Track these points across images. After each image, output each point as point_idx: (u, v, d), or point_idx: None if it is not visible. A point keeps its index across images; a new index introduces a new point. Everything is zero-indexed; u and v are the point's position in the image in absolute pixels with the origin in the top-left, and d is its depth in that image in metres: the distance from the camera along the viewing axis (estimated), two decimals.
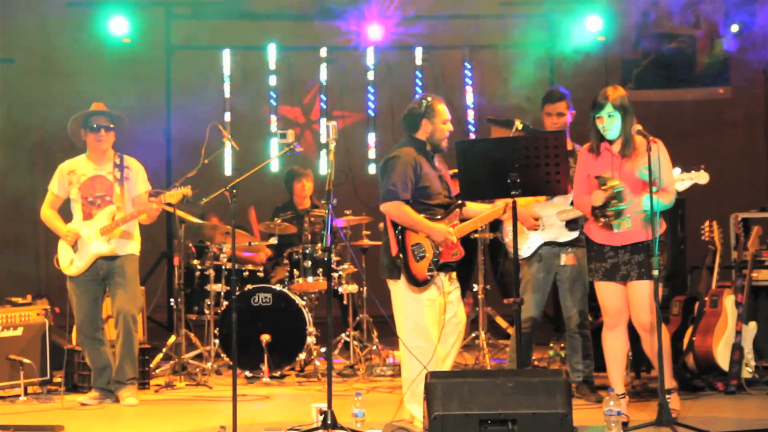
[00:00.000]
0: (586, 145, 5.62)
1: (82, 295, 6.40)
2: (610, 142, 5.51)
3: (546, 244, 6.21)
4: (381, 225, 7.24)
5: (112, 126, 6.46)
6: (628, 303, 5.51)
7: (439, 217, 5.48)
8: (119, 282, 6.37)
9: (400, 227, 5.42)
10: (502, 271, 8.17)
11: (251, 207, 8.41)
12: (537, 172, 5.14)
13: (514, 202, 5.20)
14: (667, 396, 5.25)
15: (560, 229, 6.18)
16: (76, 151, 6.61)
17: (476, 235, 7.70)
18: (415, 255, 5.41)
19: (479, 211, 5.63)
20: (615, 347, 5.57)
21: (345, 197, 8.23)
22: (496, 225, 7.59)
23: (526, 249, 6.24)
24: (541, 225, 6.08)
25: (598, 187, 5.42)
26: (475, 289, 7.80)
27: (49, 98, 9.99)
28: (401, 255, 5.39)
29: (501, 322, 7.98)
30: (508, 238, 6.40)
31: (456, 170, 5.43)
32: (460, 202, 5.54)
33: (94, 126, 6.43)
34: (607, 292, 5.54)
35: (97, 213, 6.40)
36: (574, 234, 6.15)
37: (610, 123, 5.44)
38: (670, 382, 5.48)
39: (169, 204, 6.43)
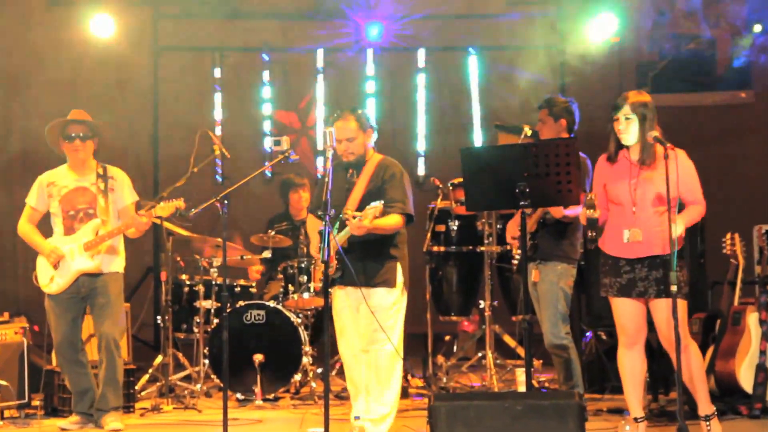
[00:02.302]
0: (604, 154, 5.62)
1: (62, 314, 6.37)
2: (628, 149, 5.50)
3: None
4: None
5: (90, 135, 6.45)
6: (645, 321, 5.49)
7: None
8: (102, 303, 6.35)
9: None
10: (511, 287, 8.16)
11: (237, 235, 8.38)
12: (547, 182, 5.13)
13: (523, 213, 5.19)
14: (706, 423, 5.24)
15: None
16: (57, 163, 6.60)
17: (483, 248, 7.70)
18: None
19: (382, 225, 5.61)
20: (632, 368, 5.55)
21: None
22: (504, 239, 7.60)
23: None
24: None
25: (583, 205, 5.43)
26: (481, 306, 7.79)
27: (27, 105, 10.00)
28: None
29: (509, 341, 7.97)
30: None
31: (460, 179, 5.43)
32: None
33: (71, 135, 6.42)
34: (623, 308, 5.53)
35: (80, 227, 6.38)
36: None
37: (626, 126, 5.43)
38: (708, 407, 5.45)
39: (159, 218, 6.42)
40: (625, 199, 5.44)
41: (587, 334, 7.51)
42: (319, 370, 7.48)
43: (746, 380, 6.42)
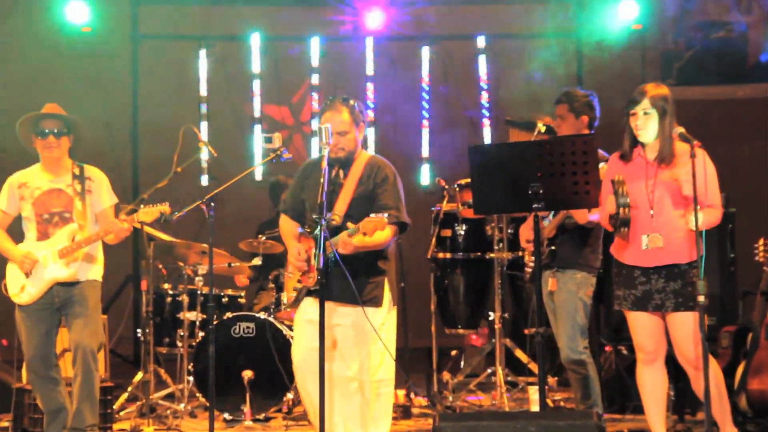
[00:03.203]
0: (616, 153, 5.63)
1: (34, 326, 6.37)
2: (644, 146, 5.51)
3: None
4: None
5: (65, 131, 6.45)
6: (664, 335, 5.51)
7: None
8: (79, 312, 6.35)
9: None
10: (524, 297, 8.18)
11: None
12: (563, 182, 5.14)
13: (537, 217, 5.21)
14: None
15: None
16: (30, 162, 6.59)
17: (492, 255, 7.71)
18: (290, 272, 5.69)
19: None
20: (652, 386, 5.57)
21: None
22: (516, 245, 7.61)
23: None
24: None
25: (611, 192, 5.42)
26: (491, 318, 7.80)
27: None
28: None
29: (521, 356, 7.98)
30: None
31: (468, 180, 5.45)
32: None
33: (45, 131, 6.42)
34: (639, 323, 5.53)
35: (55, 232, 6.38)
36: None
37: (644, 122, 5.44)
38: (731, 429, 5.47)
39: (141, 223, 6.41)
40: (641, 201, 5.45)
41: (606, 348, 7.53)
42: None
43: None
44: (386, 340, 5.52)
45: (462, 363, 8.59)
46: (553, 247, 6.18)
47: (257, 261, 7.91)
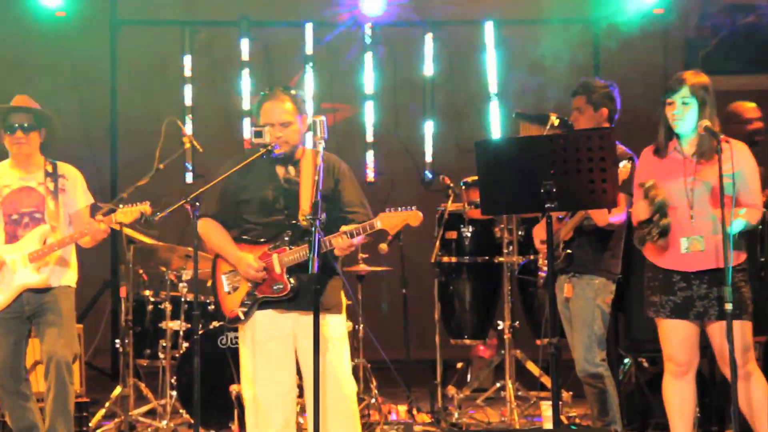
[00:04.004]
0: (649, 147, 5.61)
1: (2, 337, 6.35)
2: (679, 139, 5.49)
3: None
4: (383, 246, 7.25)
5: (36, 125, 6.44)
6: (698, 346, 5.49)
7: (262, 240, 5.49)
8: (51, 320, 6.34)
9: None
10: (536, 304, 8.16)
11: None
12: (579, 180, 5.14)
13: (549, 217, 5.20)
14: None
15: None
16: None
17: (501, 259, 7.71)
18: (226, 285, 5.57)
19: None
20: (681, 401, 5.55)
21: None
22: (527, 248, 7.60)
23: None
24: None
25: (642, 197, 5.41)
26: (500, 327, 7.79)
27: None
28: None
29: (533, 368, 7.97)
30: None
31: (475, 177, 5.44)
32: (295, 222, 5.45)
33: (14, 125, 6.41)
34: (674, 332, 5.51)
35: (25, 234, 6.37)
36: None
37: (682, 112, 5.41)
38: None
39: (120, 224, 6.39)
40: (679, 200, 5.42)
41: (625, 360, 7.52)
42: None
43: None
44: (346, 351, 5.55)
45: (468, 376, 8.59)
46: (569, 251, 6.17)
47: None
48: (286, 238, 5.46)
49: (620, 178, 5.70)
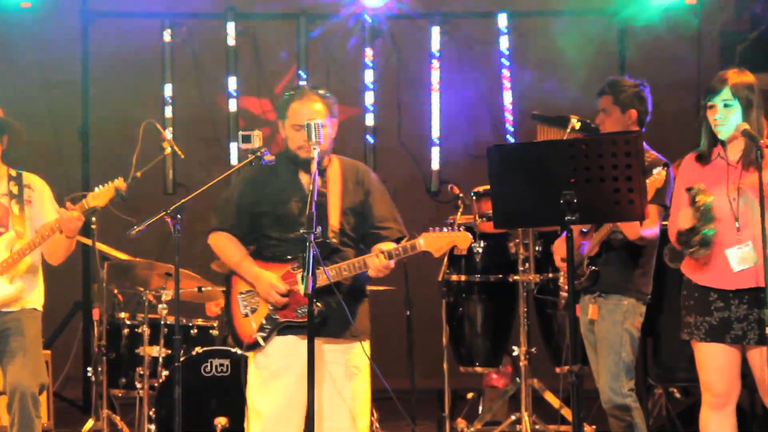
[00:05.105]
0: (691, 153, 5.62)
1: None
2: (724, 145, 5.52)
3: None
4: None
5: None
6: (739, 374, 5.50)
7: (288, 257, 5.50)
8: (15, 347, 6.34)
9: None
10: (555, 328, 8.18)
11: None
12: (602, 190, 5.14)
13: (570, 231, 5.22)
14: None
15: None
16: None
17: (516, 277, 7.72)
18: (243, 307, 5.55)
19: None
20: None
21: None
22: (545, 265, 7.62)
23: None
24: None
25: (688, 204, 5.41)
26: (515, 353, 7.80)
27: None
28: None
29: (552, 399, 7.98)
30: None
31: (487, 187, 5.46)
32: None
33: None
34: (711, 357, 5.51)
35: None
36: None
37: (724, 115, 5.42)
38: None
39: (93, 211, 6.36)
40: (723, 212, 5.42)
41: (656, 391, 7.54)
42: None
43: None
44: (368, 382, 5.56)
45: (480, 408, 8.59)
46: (594, 268, 6.18)
47: None
48: None
49: (654, 186, 5.72)
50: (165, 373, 7.57)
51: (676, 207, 5.59)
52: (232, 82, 10.82)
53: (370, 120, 10.84)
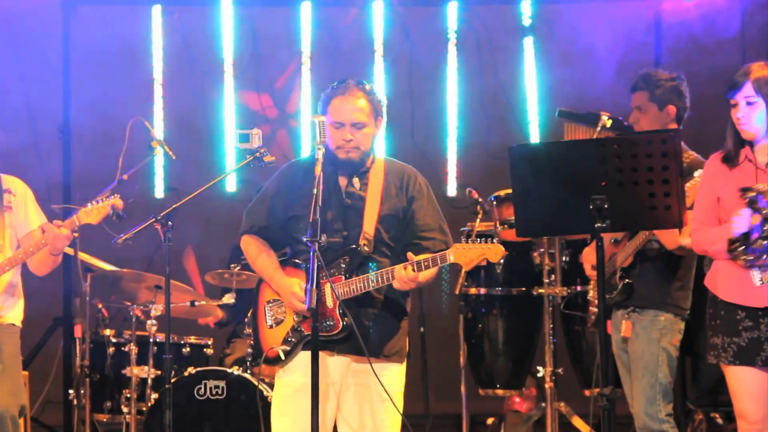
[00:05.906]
0: (717, 153, 5.61)
1: None
2: (752, 146, 5.51)
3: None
4: None
5: None
6: None
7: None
8: None
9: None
10: (584, 346, 8.18)
11: (189, 248, 8.43)
12: (636, 194, 5.14)
13: (600, 240, 5.21)
14: None
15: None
16: None
17: (541, 290, 7.71)
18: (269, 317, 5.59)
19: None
20: None
21: None
22: (573, 277, 7.61)
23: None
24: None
25: (743, 204, 5.39)
26: (539, 374, 7.80)
27: None
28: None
29: (581, 425, 7.98)
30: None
31: (508, 191, 5.45)
32: (353, 246, 5.47)
33: None
34: (742, 383, 5.50)
35: None
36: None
37: (747, 113, 5.42)
38: None
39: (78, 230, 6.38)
40: None
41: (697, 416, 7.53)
42: None
43: None
44: (400, 407, 5.52)
45: None
46: (628, 280, 6.17)
47: (229, 298, 7.91)
48: (343, 266, 5.44)
49: (693, 190, 5.71)
50: (154, 396, 7.58)
51: (707, 214, 5.55)
52: (229, 76, 10.84)
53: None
